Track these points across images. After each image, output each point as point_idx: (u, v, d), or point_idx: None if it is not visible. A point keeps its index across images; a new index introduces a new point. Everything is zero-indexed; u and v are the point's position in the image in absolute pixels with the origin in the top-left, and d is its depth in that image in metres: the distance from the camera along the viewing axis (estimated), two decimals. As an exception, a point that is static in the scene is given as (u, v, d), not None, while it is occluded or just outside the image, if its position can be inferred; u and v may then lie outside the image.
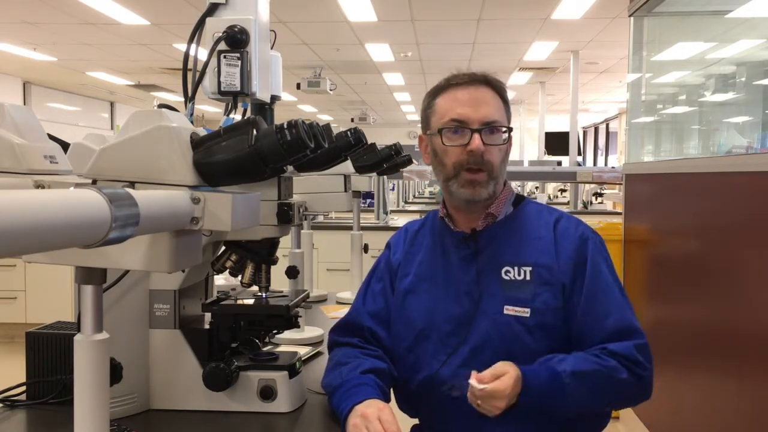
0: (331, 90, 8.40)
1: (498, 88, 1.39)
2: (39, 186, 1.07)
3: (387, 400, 1.29)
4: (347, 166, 2.03)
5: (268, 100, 1.50)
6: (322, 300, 2.59)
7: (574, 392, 1.22)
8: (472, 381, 1.18)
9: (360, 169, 2.21)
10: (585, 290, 1.32)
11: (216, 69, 1.36)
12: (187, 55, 1.39)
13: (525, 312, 1.30)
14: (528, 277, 1.33)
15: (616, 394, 1.29)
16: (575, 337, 1.32)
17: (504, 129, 1.37)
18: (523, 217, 1.42)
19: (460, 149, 1.34)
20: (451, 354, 1.33)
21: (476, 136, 1.33)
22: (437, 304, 1.37)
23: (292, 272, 1.92)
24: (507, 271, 1.34)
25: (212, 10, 1.39)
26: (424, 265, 1.43)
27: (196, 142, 0.91)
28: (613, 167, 7.03)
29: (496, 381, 1.18)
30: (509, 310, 1.31)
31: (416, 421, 1.45)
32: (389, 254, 1.50)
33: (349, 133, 1.51)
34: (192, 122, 1.22)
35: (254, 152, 0.89)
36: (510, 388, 1.18)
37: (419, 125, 1.48)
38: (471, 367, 1.27)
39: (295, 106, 13.31)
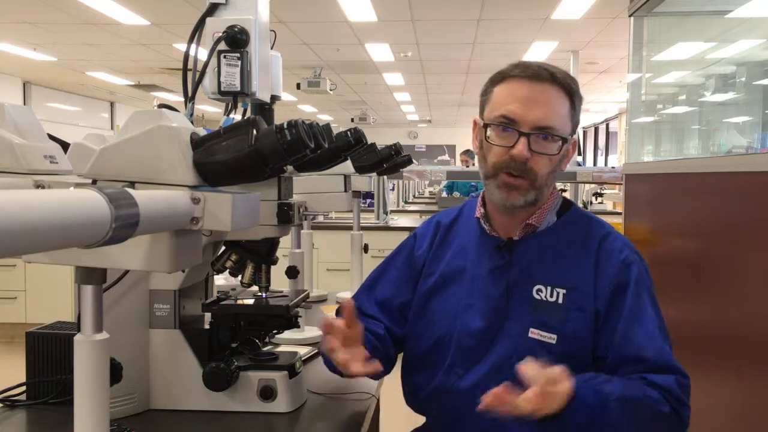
0: (331, 90, 8.41)
1: (568, 89, 1.23)
2: (39, 186, 1.07)
3: (375, 355, 1.20)
4: (347, 166, 2.03)
5: (268, 100, 1.50)
6: (322, 300, 2.59)
7: (618, 418, 1.11)
8: (529, 366, 1.03)
9: (360, 169, 2.21)
10: (622, 320, 1.21)
11: (216, 69, 1.36)
12: (187, 55, 1.39)
13: (551, 338, 1.21)
14: (561, 300, 1.22)
15: (655, 427, 1.17)
16: (609, 367, 1.21)
17: (559, 138, 1.22)
18: (566, 230, 1.30)
19: (504, 150, 1.22)
20: (468, 369, 1.26)
21: (523, 140, 1.19)
22: (460, 312, 1.29)
23: (292, 272, 1.92)
24: (539, 290, 1.24)
25: (212, 10, 1.39)
26: (451, 265, 1.34)
27: (196, 142, 0.91)
28: (613, 167, 7.03)
29: (563, 382, 1.04)
30: (534, 333, 1.22)
31: (418, 422, 1.42)
32: (414, 246, 1.41)
33: (349, 133, 1.51)
34: (192, 122, 1.22)
35: (254, 152, 0.89)
36: (566, 394, 1.04)
37: (419, 125, 1.44)
38: (488, 385, 1.18)
39: (295, 106, 13.31)
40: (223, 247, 1.40)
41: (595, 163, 15.62)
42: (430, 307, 1.34)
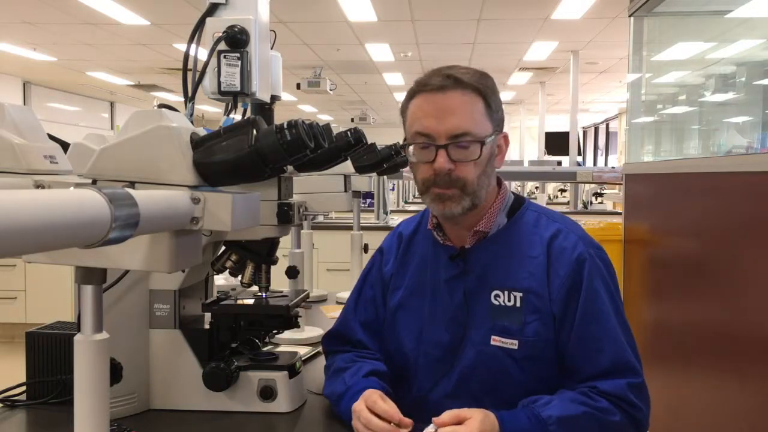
0: (331, 90, 8.40)
1: (478, 90, 1.21)
2: (39, 186, 1.07)
3: (392, 400, 1.28)
4: (347, 166, 2.03)
5: (268, 100, 1.50)
6: (322, 300, 2.59)
7: None
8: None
9: (360, 169, 2.21)
10: (577, 319, 1.20)
11: (216, 69, 1.36)
12: (187, 55, 1.39)
13: (513, 344, 1.21)
14: (518, 304, 1.22)
15: None
16: (565, 369, 1.23)
17: (478, 141, 1.19)
18: (518, 231, 1.28)
19: (428, 166, 1.21)
20: (437, 381, 1.28)
21: (441, 153, 1.18)
22: (424, 325, 1.31)
23: (292, 272, 1.91)
24: (497, 296, 1.24)
25: (212, 10, 1.39)
26: (414, 278, 1.35)
27: (196, 142, 0.91)
28: (613, 167, 7.02)
29: (458, 426, 1.09)
30: (496, 340, 1.22)
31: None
32: (381, 262, 1.42)
33: (349, 133, 1.51)
34: (192, 122, 1.22)
35: (254, 152, 0.89)
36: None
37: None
38: (458, 396, 1.24)
39: (295, 106, 13.31)
40: (223, 247, 1.40)
41: (595, 163, 15.63)
42: (398, 323, 1.35)
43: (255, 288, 1.43)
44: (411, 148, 1.24)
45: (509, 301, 1.23)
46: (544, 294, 1.22)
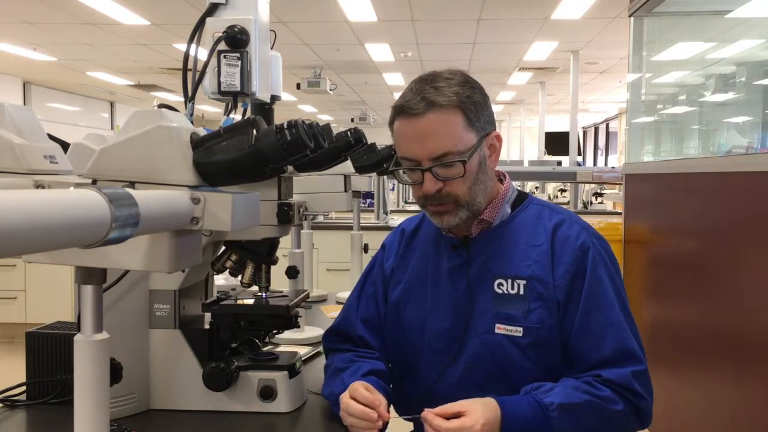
0: (331, 90, 8.40)
1: (454, 104, 1.19)
2: (39, 186, 1.07)
3: (390, 400, 1.27)
4: (347, 166, 2.03)
5: (268, 100, 1.51)
6: (322, 300, 2.60)
7: (562, 427, 1.13)
8: (426, 415, 1.11)
9: (360, 169, 2.21)
10: (581, 307, 1.21)
11: (216, 69, 1.36)
12: (187, 55, 1.39)
13: (517, 331, 1.22)
14: (521, 291, 1.23)
15: (610, 427, 1.19)
16: (569, 357, 1.23)
17: (459, 159, 1.19)
18: (521, 222, 1.30)
19: (419, 186, 1.24)
20: (443, 372, 1.28)
21: (427, 176, 1.21)
22: (427, 316, 1.31)
23: (292, 272, 1.92)
24: (500, 284, 1.25)
25: (212, 10, 1.39)
26: (415, 272, 1.36)
27: (196, 142, 0.91)
28: (613, 167, 7.02)
29: (454, 420, 1.09)
30: (500, 328, 1.23)
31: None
32: (383, 258, 1.43)
33: (349, 133, 1.51)
34: (192, 122, 1.22)
35: (254, 152, 0.89)
36: (467, 430, 1.08)
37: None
38: (465, 386, 1.24)
39: (295, 106, 13.31)
40: (223, 247, 1.40)
41: (595, 163, 15.62)
42: (401, 316, 1.36)
43: (255, 288, 1.43)
44: (401, 171, 1.27)
45: (512, 289, 1.24)
46: (548, 281, 1.23)
